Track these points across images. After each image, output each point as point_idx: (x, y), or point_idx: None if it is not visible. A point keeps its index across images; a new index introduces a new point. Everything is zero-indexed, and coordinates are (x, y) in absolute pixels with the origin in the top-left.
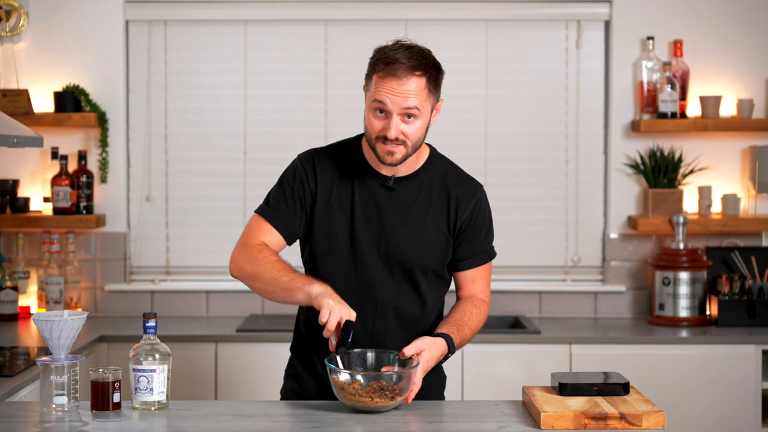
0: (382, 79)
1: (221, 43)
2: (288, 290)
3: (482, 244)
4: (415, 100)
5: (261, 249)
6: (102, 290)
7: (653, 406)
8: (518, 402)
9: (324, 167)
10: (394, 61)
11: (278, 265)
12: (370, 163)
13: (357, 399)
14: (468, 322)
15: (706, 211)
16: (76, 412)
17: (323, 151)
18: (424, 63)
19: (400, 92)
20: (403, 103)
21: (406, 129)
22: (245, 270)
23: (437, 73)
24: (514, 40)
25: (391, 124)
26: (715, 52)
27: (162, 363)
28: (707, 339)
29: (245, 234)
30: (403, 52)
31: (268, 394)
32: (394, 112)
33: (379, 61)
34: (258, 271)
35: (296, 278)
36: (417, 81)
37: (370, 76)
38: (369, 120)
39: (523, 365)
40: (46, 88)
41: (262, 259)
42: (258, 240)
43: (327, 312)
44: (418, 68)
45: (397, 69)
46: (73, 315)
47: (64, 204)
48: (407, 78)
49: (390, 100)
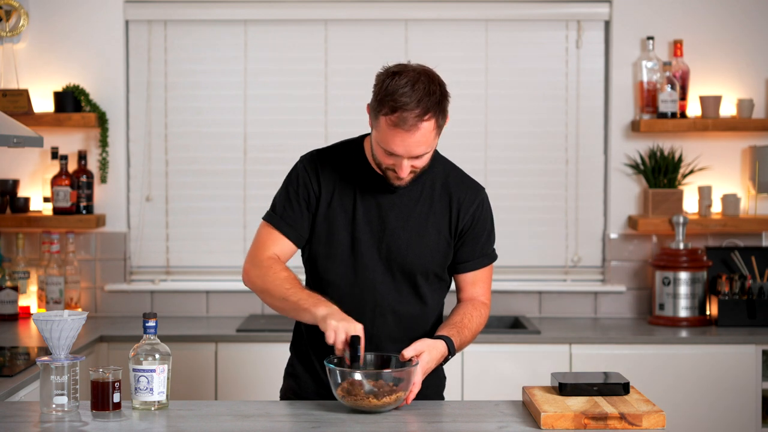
0: (391, 129)
1: (221, 43)
2: (296, 311)
3: (483, 246)
4: (425, 146)
5: (271, 264)
6: (102, 290)
7: (653, 406)
8: (518, 402)
9: (326, 168)
10: (402, 107)
11: (287, 282)
12: (372, 165)
13: (356, 399)
14: (468, 325)
15: (706, 211)
16: (76, 412)
17: (325, 152)
18: (431, 103)
19: (411, 143)
20: (414, 152)
21: (417, 163)
22: (256, 284)
23: (444, 102)
24: (514, 40)
25: (402, 165)
26: (715, 52)
27: (162, 363)
28: (707, 339)
29: (255, 244)
30: (410, 93)
31: (268, 394)
32: (405, 157)
33: (384, 102)
34: (268, 287)
35: (304, 299)
36: (426, 126)
37: (376, 114)
38: (378, 154)
39: (523, 365)
40: (46, 88)
41: (272, 276)
42: (268, 252)
43: (332, 332)
44: (425, 112)
45: (406, 120)
46: (73, 315)
47: (64, 204)
48: (416, 128)
49: (400, 150)
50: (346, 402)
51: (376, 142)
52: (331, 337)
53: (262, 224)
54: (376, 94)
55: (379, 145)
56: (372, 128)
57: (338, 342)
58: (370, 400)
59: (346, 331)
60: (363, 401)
